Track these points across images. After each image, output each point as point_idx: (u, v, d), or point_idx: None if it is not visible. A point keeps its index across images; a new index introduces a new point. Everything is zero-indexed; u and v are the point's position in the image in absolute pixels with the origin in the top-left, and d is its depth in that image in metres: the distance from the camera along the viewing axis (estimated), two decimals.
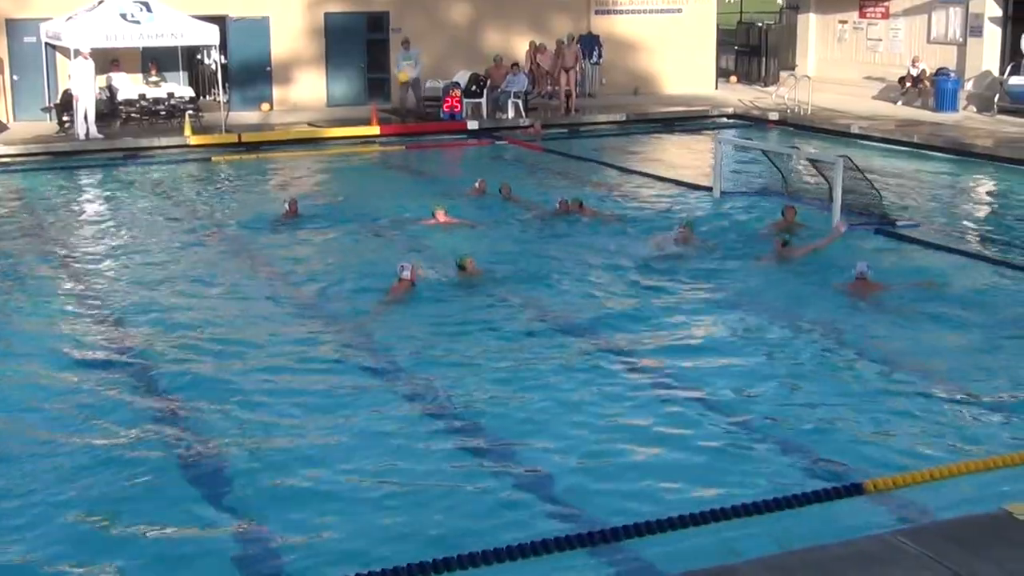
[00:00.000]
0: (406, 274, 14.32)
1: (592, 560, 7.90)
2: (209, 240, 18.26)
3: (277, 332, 13.48)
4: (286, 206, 19.16)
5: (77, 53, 25.60)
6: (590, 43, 32.85)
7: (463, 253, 15.56)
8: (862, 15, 34.65)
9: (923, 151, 25.96)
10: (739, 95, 33.89)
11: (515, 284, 15.29)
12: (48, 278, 16.18)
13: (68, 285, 15.83)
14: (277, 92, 30.71)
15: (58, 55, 27.91)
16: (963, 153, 25.29)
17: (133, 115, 27.52)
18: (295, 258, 16.93)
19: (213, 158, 25.60)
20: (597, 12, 33.72)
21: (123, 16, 26.00)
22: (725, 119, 31.16)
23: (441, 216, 18.24)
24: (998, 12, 30.36)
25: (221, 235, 18.60)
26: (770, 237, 17.00)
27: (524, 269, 15.95)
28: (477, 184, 20.85)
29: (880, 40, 34.07)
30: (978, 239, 18.47)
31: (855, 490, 8.48)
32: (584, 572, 7.86)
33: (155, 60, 28.38)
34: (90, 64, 25.74)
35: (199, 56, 30.14)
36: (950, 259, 16.62)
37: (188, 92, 28.26)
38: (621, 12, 34.02)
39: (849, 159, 18.78)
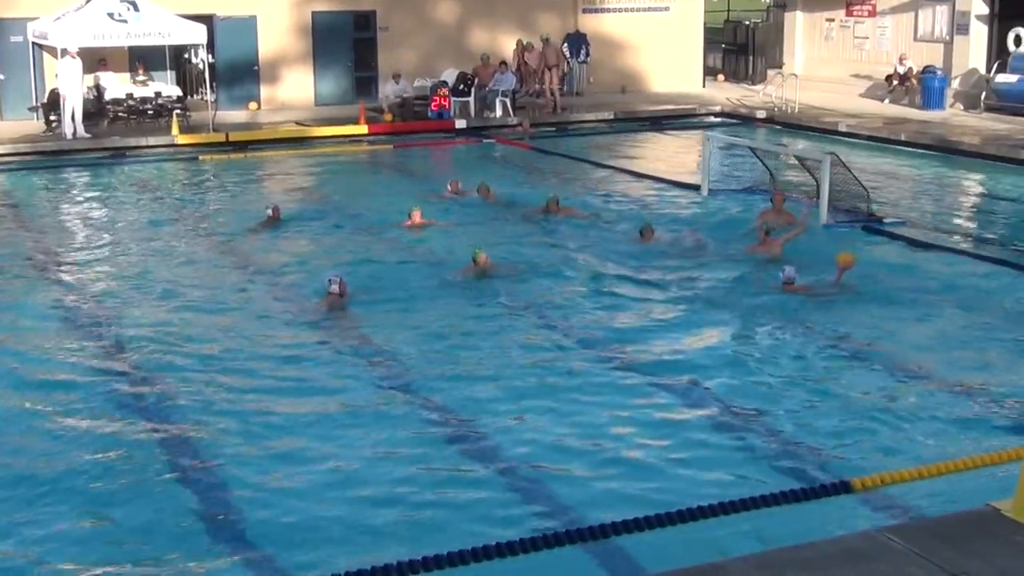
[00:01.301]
0: (334, 288, 14.25)
1: (578, 558, 7.91)
2: (194, 241, 18.21)
3: (257, 332, 13.51)
4: (269, 211, 18.93)
5: (64, 52, 25.54)
6: (577, 41, 32.85)
7: (476, 247, 15.63)
8: (849, 13, 34.69)
9: (910, 149, 26.04)
10: (726, 93, 33.93)
11: (498, 283, 15.29)
12: (34, 277, 16.15)
13: (54, 284, 15.79)
14: (265, 91, 30.66)
15: (45, 54, 27.84)
16: (950, 151, 25.37)
17: (120, 114, 27.45)
18: (277, 263, 16.78)
19: (200, 157, 25.56)
20: (584, 10, 33.72)
21: (110, 15, 25.94)
22: (712, 117, 31.18)
23: (417, 218, 18.18)
24: (984, 10, 30.42)
25: (206, 237, 18.54)
26: (759, 228, 16.96)
27: (507, 268, 15.95)
28: (450, 186, 20.75)
29: (867, 38, 34.12)
30: (964, 236, 18.54)
31: (843, 488, 8.48)
32: (570, 570, 7.88)
33: (142, 59, 28.32)
34: (77, 63, 25.68)
35: (186, 55, 30.07)
36: (936, 256, 16.69)
37: (175, 91, 28.20)
38: (608, 10, 34.02)
39: (836, 157, 18.83)
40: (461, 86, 29.68)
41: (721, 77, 37.31)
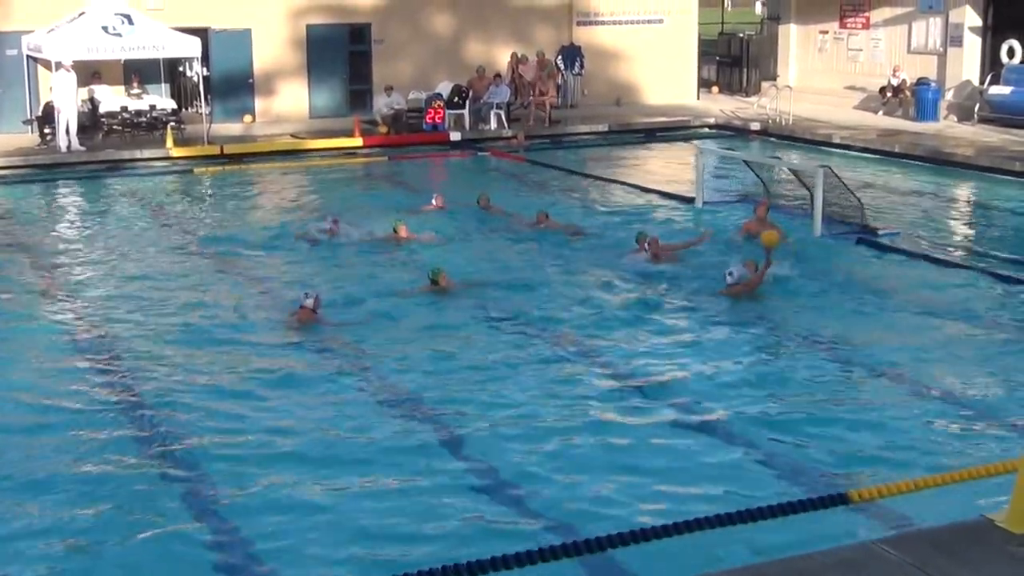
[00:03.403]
0: (308, 302, 13.98)
1: (573, 571, 7.89)
2: (185, 254, 18.17)
3: (233, 344, 13.53)
4: (328, 225, 18.63)
5: (59, 65, 25.55)
6: (572, 54, 32.89)
7: (435, 267, 15.54)
8: (843, 25, 34.77)
9: (904, 160, 26.09)
10: (721, 105, 33.99)
11: (487, 295, 15.30)
12: (28, 292, 16.14)
13: (48, 299, 15.79)
14: (259, 104, 30.67)
15: (40, 67, 27.83)
16: (943, 162, 25.43)
17: (115, 127, 27.45)
18: (264, 275, 16.76)
19: (195, 170, 25.58)
20: (579, 23, 33.76)
21: (105, 29, 25.95)
22: (707, 129, 31.21)
23: (403, 232, 18.16)
24: (978, 22, 30.51)
25: (198, 249, 18.49)
26: (744, 238, 16.89)
27: (495, 281, 15.93)
28: (434, 201, 20.67)
29: (861, 50, 34.19)
30: (958, 247, 18.57)
31: (840, 500, 8.48)
32: None
33: (137, 72, 28.32)
34: (72, 76, 25.69)
35: (181, 68, 30.07)
36: (930, 268, 16.71)
37: (170, 104, 28.21)
38: (603, 23, 34.07)
39: (830, 169, 18.85)
40: (456, 98, 29.71)
41: (715, 89, 37.36)
